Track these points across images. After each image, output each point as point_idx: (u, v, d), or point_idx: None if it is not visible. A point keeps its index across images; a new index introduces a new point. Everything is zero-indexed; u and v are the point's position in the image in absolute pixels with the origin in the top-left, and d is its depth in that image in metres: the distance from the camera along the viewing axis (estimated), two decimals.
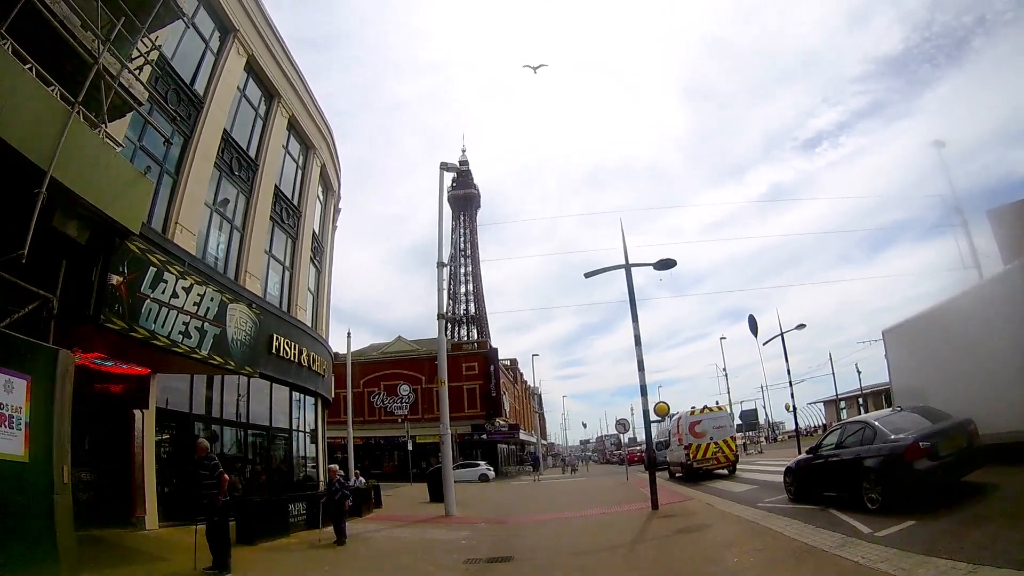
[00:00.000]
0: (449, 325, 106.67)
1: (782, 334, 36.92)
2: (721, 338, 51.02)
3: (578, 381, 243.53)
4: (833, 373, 45.95)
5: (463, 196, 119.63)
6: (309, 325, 19.48)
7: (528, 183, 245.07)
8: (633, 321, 13.62)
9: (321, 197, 22.72)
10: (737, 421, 56.64)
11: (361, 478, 19.24)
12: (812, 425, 55.05)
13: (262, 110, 17.98)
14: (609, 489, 22.21)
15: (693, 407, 24.93)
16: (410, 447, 34.81)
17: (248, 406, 14.88)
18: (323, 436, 19.81)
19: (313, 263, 20.84)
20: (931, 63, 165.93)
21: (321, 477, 18.26)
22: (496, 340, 76.48)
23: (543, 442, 77.00)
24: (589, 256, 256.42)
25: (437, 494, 17.86)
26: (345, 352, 26.46)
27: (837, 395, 48.83)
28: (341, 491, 10.93)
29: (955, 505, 7.98)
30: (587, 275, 13.94)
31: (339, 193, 25.81)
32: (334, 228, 26.16)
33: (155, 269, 8.81)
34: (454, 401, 49.50)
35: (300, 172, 20.31)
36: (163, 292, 8.89)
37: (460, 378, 49.89)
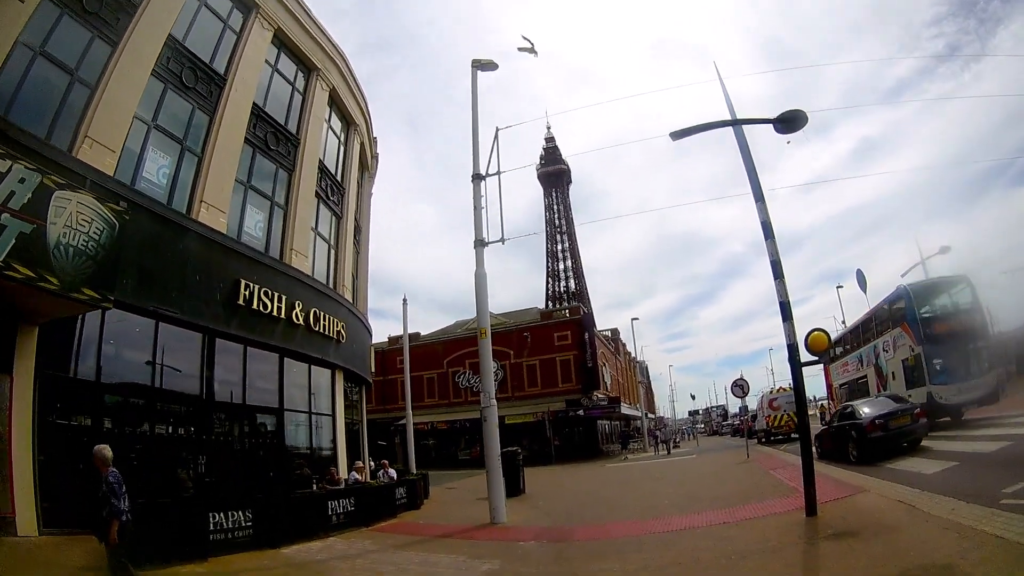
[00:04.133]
0: (551, 303, 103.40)
1: (923, 262, 28.98)
2: (838, 287, 42.58)
3: (683, 354, 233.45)
4: None
5: (554, 172, 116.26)
6: (321, 280, 15.46)
7: (613, 160, 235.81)
8: (757, 202, 8.14)
9: (338, 131, 18.62)
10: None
11: (391, 470, 15.06)
12: None
13: (235, 22, 14.06)
14: (726, 473, 16.58)
15: (772, 388, 35.16)
16: None
17: (212, 377, 10.98)
18: (344, 420, 15.67)
19: (326, 203, 16.75)
20: None
21: (342, 473, 14.23)
22: (599, 317, 70.63)
23: (650, 415, 70.68)
24: (686, 227, 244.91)
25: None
26: (431, 332, 22.74)
27: None
28: (107, 501, 5.61)
29: None
30: (674, 135, 8.56)
31: (369, 133, 21.64)
32: (367, 176, 22.13)
33: None
34: (546, 375, 45.40)
35: (300, 96, 16.24)
36: None
37: (552, 350, 45.24)
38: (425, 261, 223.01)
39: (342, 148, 18.71)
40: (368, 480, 14.03)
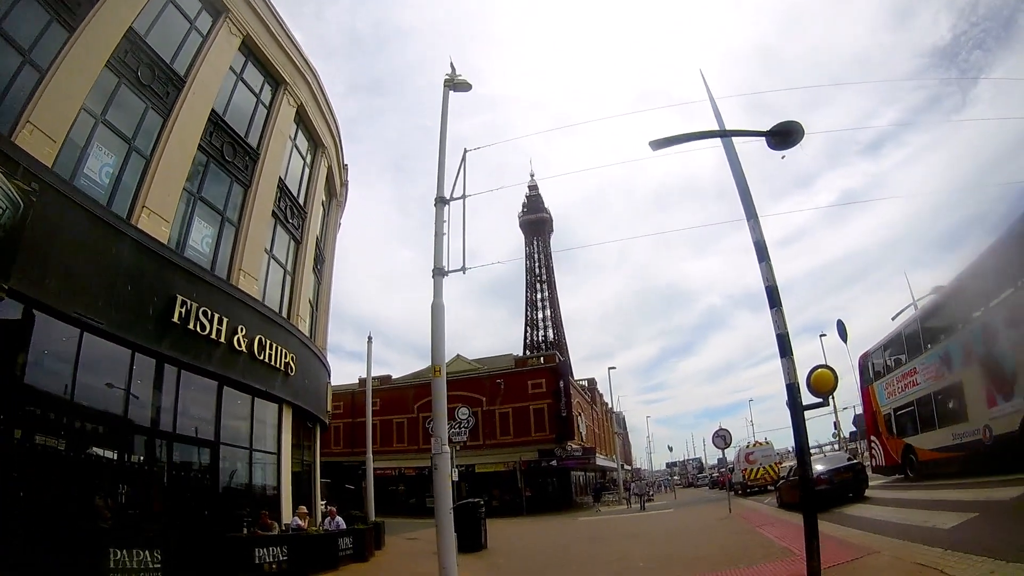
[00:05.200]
0: (528, 352, 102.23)
1: (915, 303, 28.57)
2: (821, 335, 42.75)
3: (661, 405, 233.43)
4: None
5: (535, 220, 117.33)
6: (273, 307, 14.18)
7: (595, 211, 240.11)
8: (749, 220, 7.27)
9: (304, 151, 17.71)
10: (851, 428, 48.26)
11: (339, 518, 13.50)
12: None
13: (203, 24, 13.30)
14: (708, 529, 15.24)
15: (748, 442, 35.77)
16: (455, 477, 28.84)
17: (153, 402, 9.75)
18: (291, 460, 14.10)
19: (284, 225, 15.64)
20: (981, 48, 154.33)
21: (285, 518, 12.68)
22: (578, 367, 69.68)
23: (627, 467, 68.72)
24: (666, 280, 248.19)
25: (460, 540, 11.98)
26: (402, 376, 21.34)
27: None
28: None
29: None
30: (654, 144, 7.72)
31: (339, 158, 20.79)
32: (335, 203, 21.18)
33: None
34: (519, 424, 43.74)
35: (264, 110, 15.35)
36: None
37: (526, 397, 43.78)
38: (405, 305, 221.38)
39: (307, 169, 17.74)
40: (314, 527, 12.48)
